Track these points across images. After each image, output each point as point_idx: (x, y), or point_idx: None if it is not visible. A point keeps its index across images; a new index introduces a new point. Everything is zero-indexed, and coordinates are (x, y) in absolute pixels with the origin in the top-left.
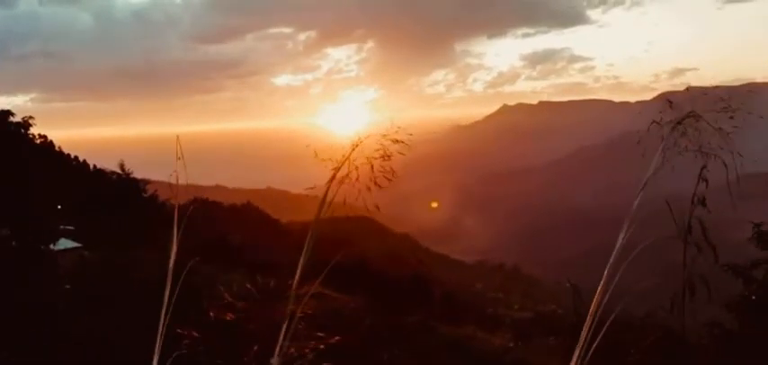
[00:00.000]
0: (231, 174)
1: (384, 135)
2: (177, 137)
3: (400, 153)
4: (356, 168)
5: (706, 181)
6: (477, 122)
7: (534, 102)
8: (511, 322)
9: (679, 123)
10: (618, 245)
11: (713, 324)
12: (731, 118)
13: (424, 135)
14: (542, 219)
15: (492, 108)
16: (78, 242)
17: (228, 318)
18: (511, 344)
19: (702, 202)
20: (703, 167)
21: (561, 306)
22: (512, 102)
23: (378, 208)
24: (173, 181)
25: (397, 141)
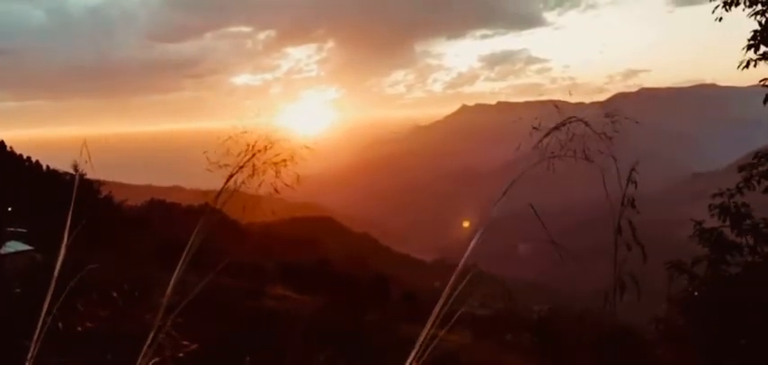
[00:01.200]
0: (189, 175)
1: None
2: (84, 141)
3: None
4: (254, 169)
5: (635, 183)
6: (436, 122)
7: (493, 102)
8: (470, 319)
9: (557, 129)
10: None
11: (658, 319)
12: (614, 122)
13: (385, 135)
14: (499, 218)
15: (451, 108)
16: (30, 244)
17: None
18: (468, 342)
19: (632, 203)
20: (632, 169)
21: (519, 303)
22: (471, 103)
23: (277, 191)
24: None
25: (307, 147)
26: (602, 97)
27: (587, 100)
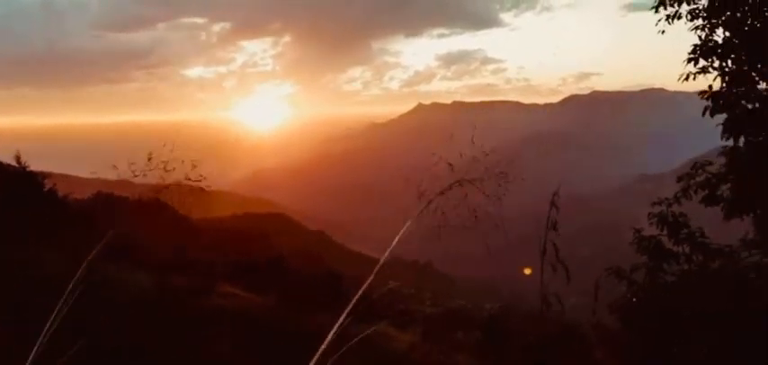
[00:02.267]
0: (139, 168)
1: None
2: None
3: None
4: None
5: (557, 207)
6: (392, 120)
7: (448, 101)
8: (422, 318)
9: (442, 193)
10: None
11: (597, 325)
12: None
13: (341, 132)
14: (454, 218)
15: (408, 106)
16: None
17: None
18: (419, 340)
19: (554, 227)
20: (555, 194)
21: (470, 301)
22: (427, 102)
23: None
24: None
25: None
26: (556, 99)
27: (541, 101)
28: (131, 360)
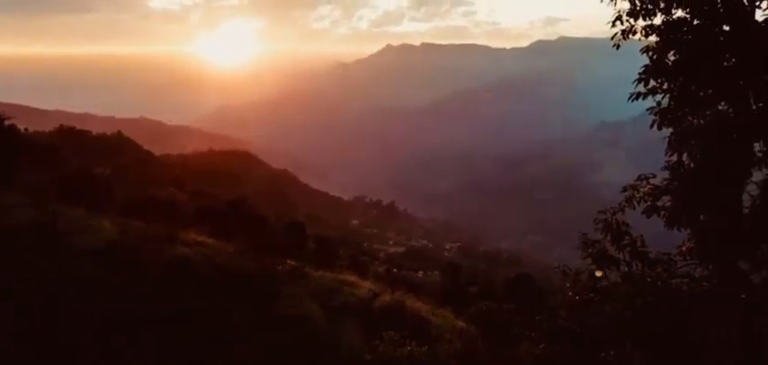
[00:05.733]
0: (101, 102)
1: None
2: None
3: None
4: None
5: None
6: (360, 60)
7: (417, 43)
8: (385, 256)
9: None
10: None
11: (540, 319)
12: None
13: (308, 71)
14: (418, 158)
15: (376, 47)
16: None
17: None
18: (379, 291)
19: None
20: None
21: (432, 240)
22: (396, 43)
23: None
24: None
25: None
26: (524, 43)
27: (509, 46)
28: (95, 310)
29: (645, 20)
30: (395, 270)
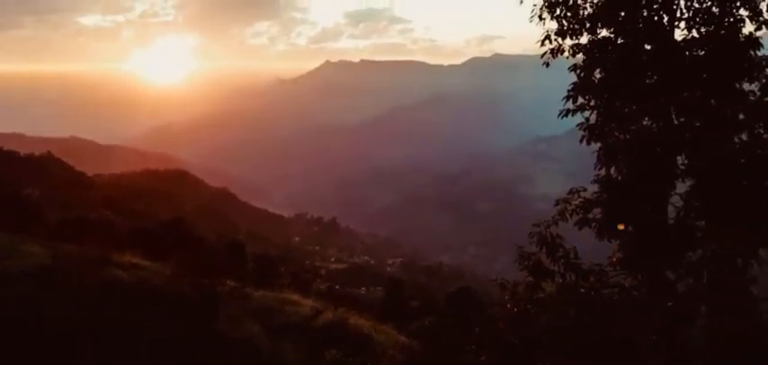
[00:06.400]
0: (30, 121)
1: None
2: None
3: None
4: None
5: None
6: (299, 77)
7: (356, 59)
8: (327, 273)
9: None
10: None
11: (478, 333)
12: None
13: (246, 87)
14: (358, 174)
15: (315, 63)
16: None
17: None
18: (321, 308)
19: None
20: None
21: (374, 256)
22: (334, 59)
23: None
24: None
25: None
26: (460, 60)
27: (445, 62)
28: (26, 339)
29: (572, 39)
30: (337, 287)
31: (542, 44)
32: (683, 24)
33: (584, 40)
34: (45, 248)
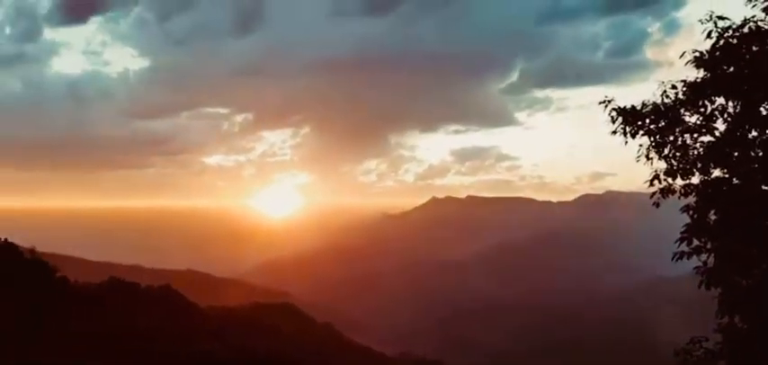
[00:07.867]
0: (150, 254)
1: None
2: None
3: None
4: None
5: None
6: (406, 212)
7: (462, 196)
8: None
9: None
10: None
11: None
12: None
13: (354, 222)
14: (465, 311)
15: (422, 199)
16: None
17: None
18: None
19: None
20: None
21: None
22: (441, 195)
23: None
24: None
25: None
26: (570, 197)
27: (555, 199)
28: None
29: (683, 179)
30: None
31: (650, 184)
32: None
33: (695, 180)
34: None
